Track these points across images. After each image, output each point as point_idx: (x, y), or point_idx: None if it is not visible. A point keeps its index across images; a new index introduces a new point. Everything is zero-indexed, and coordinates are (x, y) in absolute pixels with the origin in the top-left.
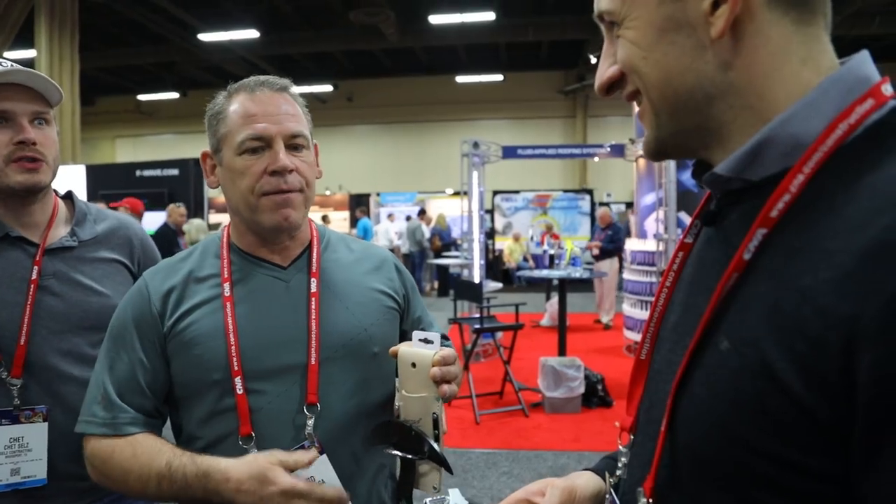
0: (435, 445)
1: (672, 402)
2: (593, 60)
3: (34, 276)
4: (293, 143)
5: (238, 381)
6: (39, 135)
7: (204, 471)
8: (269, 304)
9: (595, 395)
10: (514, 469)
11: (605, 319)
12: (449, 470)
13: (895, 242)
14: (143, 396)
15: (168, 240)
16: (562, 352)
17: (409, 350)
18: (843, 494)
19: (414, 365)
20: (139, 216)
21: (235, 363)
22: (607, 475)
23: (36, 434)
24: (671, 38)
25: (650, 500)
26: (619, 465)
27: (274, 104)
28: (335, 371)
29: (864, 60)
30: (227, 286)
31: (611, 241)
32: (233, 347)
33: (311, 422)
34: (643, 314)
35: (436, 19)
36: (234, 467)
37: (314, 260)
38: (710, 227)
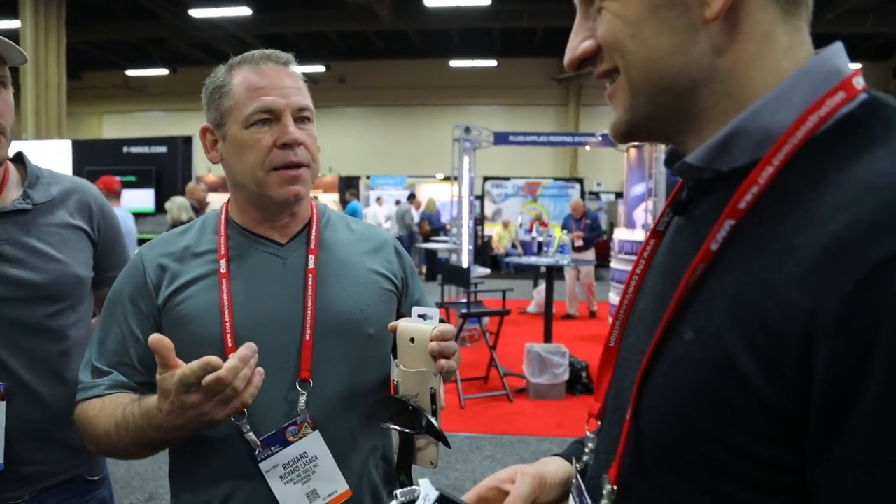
0: (433, 420)
1: (637, 390)
2: None
3: None
4: (300, 116)
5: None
6: (2, 103)
7: (145, 410)
8: (266, 281)
9: (579, 382)
10: (497, 453)
11: (592, 308)
12: (447, 444)
13: (853, 239)
14: (132, 370)
15: None
16: (547, 338)
17: (408, 325)
18: (799, 485)
19: (413, 340)
20: (116, 195)
21: (230, 339)
22: (574, 460)
23: None
24: (663, 16)
25: (615, 487)
26: (586, 450)
27: (280, 77)
28: (329, 349)
29: (836, 52)
30: (223, 262)
31: (591, 229)
32: (227, 325)
33: (303, 398)
34: None
35: (431, 2)
36: (162, 385)
37: (313, 237)
38: (681, 217)
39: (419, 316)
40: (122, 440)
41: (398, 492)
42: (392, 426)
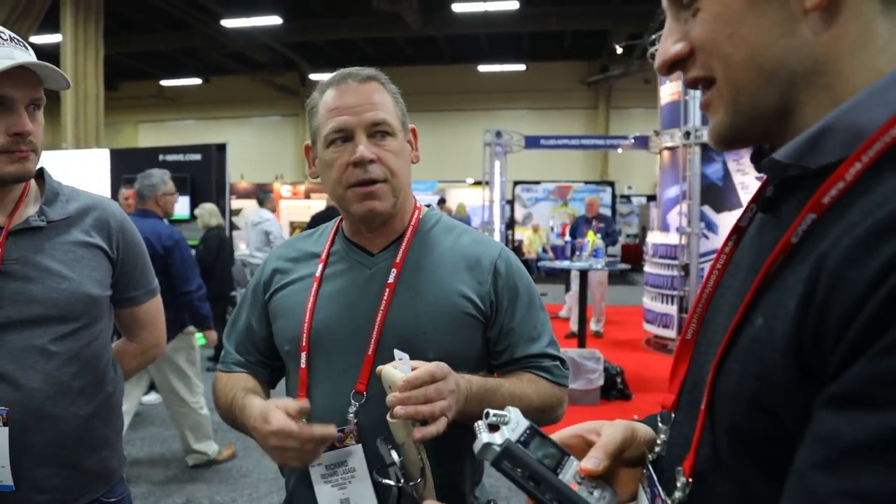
0: (422, 480)
1: (712, 378)
2: (619, 50)
3: None
4: (377, 132)
5: (304, 355)
6: (34, 123)
7: (242, 406)
8: (350, 289)
9: (614, 388)
10: None
11: (596, 327)
12: None
13: None
14: (249, 350)
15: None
16: (581, 343)
17: (389, 372)
18: None
19: (391, 388)
20: None
21: (304, 339)
22: (646, 451)
23: None
24: (761, 10)
25: (689, 480)
26: (659, 442)
27: (357, 95)
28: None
29: None
30: (321, 267)
31: (606, 234)
32: (305, 325)
33: (353, 409)
34: (664, 307)
35: (459, 7)
36: (255, 407)
37: (401, 251)
38: (766, 213)
39: (400, 360)
40: (229, 414)
41: (489, 410)
42: (379, 478)
